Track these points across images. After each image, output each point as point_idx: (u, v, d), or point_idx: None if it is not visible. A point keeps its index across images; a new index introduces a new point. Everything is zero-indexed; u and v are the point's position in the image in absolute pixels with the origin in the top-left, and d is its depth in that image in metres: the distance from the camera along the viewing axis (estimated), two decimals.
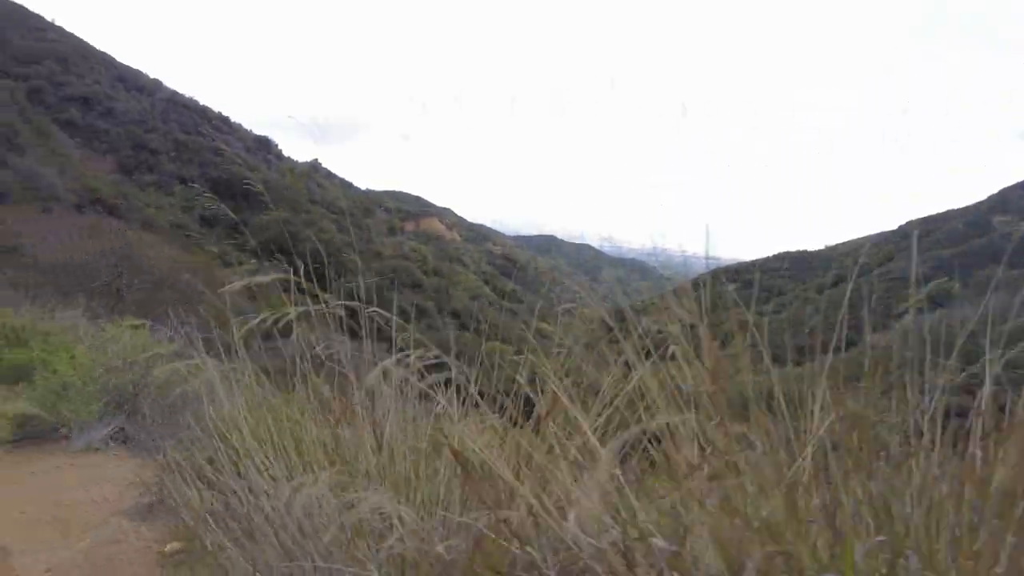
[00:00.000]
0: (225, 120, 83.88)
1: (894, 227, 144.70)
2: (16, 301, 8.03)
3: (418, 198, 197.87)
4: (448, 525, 2.12)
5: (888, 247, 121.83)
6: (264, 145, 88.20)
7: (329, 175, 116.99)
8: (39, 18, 72.36)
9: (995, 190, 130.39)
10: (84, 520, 3.58)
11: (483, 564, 1.73)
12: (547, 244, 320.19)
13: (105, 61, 72.88)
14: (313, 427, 2.71)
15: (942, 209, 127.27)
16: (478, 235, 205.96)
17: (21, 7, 72.45)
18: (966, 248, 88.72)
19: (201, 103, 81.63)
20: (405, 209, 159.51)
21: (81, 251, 10.59)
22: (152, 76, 79.86)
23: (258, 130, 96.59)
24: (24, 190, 29.15)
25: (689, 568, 1.44)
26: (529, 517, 1.71)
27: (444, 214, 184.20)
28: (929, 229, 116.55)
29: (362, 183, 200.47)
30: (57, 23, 74.87)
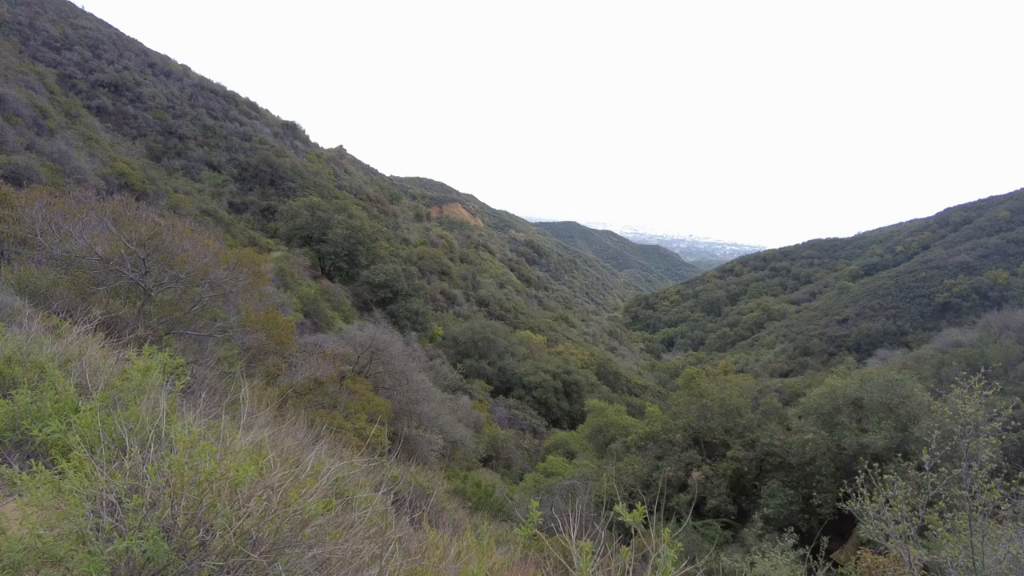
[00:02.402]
0: (253, 105, 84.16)
1: (931, 213, 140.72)
2: (15, 311, 6.11)
3: (442, 184, 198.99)
4: None
5: (925, 234, 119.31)
6: (291, 130, 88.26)
7: (355, 161, 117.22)
8: (71, 5, 73.24)
9: None
10: None
11: None
12: (569, 230, 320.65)
13: (135, 48, 73.44)
14: None
15: (984, 195, 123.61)
16: (501, 221, 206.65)
17: None
18: (1013, 236, 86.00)
19: (229, 89, 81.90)
20: (429, 195, 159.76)
21: (104, 242, 9.66)
22: (180, 62, 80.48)
23: (285, 116, 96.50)
24: (53, 173, 29.26)
25: None
26: None
27: (467, 200, 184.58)
28: (970, 216, 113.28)
29: (387, 170, 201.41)
30: (88, 9, 75.93)
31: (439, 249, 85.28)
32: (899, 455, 16.70)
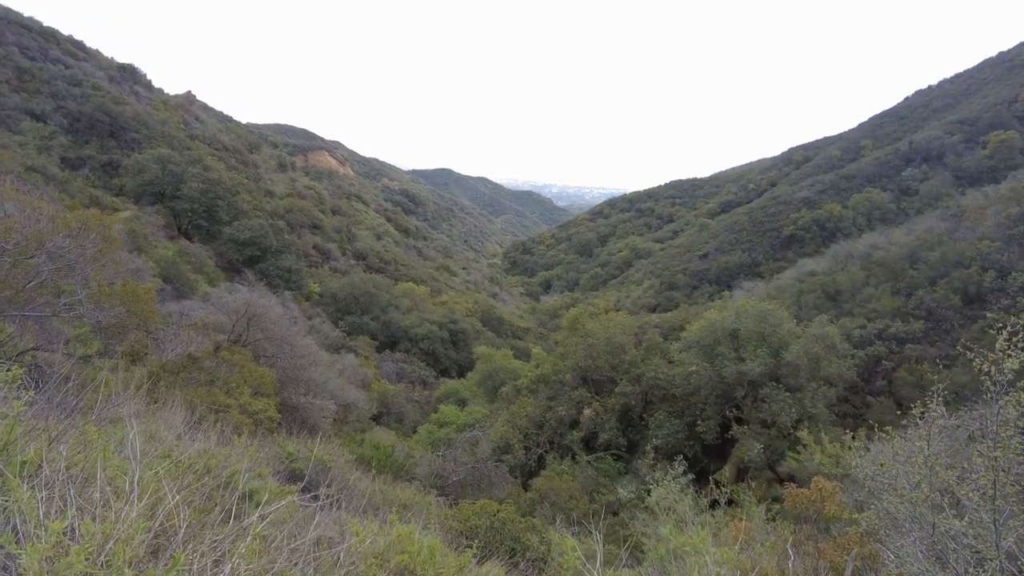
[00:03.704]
0: (79, 45, 73.87)
1: (778, 153, 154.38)
2: None
3: (305, 131, 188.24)
4: None
5: (773, 172, 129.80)
6: (130, 74, 78.78)
7: (206, 108, 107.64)
8: None
9: (865, 118, 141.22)
10: None
11: None
12: (444, 178, 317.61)
13: None
14: None
15: (820, 136, 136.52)
16: (373, 170, 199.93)
17: None
18: (844, 172, 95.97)
19: (45, 24, 71.10)
20: (292, 143, 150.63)
21: None
22: None
23: (121, 57, 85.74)
24: None
25: None
26: None
27: (334, 148, 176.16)
28: (809, 155, 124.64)
29: (243, 116, 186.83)
30: None
31: (308, 201, 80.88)
32: (773, 381, 18.26)
